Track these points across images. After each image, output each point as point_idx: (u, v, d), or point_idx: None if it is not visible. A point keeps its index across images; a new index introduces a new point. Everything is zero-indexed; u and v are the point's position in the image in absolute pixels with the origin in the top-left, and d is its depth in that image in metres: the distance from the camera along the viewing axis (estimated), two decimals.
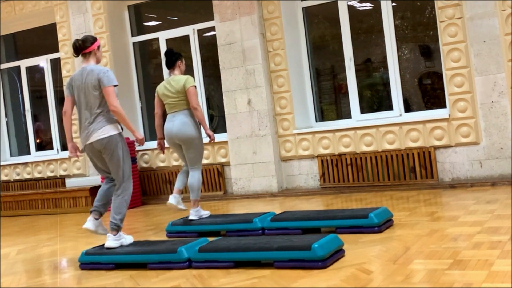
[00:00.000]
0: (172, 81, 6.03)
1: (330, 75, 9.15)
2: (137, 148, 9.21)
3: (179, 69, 6.12)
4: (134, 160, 9.24)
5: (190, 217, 6.08)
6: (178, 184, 6.18)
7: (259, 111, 8.39)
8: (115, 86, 5.02)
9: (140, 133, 5.13)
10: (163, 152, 6.53)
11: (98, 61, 5.18)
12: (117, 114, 5.01)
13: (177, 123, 5.96)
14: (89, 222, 5.22)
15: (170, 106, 6.04)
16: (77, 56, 5.16)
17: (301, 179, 8.43)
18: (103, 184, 5.34)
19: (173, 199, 6.14)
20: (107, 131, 5.02)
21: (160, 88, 6.12)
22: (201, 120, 6.02)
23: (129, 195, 5.15)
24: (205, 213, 6.17)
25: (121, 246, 5.08)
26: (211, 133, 6.16)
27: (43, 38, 10.98)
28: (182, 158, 6.22)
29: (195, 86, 5.99)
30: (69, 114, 5.17)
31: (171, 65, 6.10)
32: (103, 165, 5.23)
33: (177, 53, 6.15)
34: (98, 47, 5.17)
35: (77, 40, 5.14)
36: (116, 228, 5.09)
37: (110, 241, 5.06)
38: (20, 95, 11.11)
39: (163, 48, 9.54)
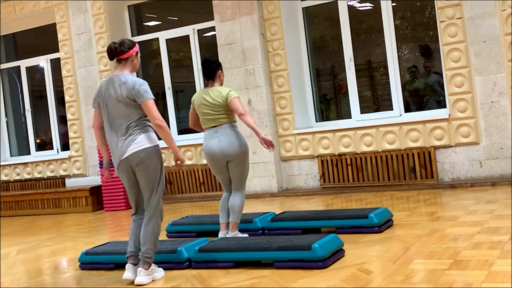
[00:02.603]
0: (211, 92, 5.28)
1: (330, 75, 9.16)
2: None
3: (220, 80, 5.39)
4: None
5: None
6: (223, 218, 5.43)
7: (259, 111, 8.39)
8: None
9: (182, 156, 4.43)
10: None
11: (134, 70, 4.57)
12: (162, 129, 4.31)
13: (224, 137, 5.20)
14: (139, 275, 4.37)
15: (209, 119, 5.29)
16: (112, 59, 4.52)
17: (301, 179, 8.43)
18: (132, 221, 4.52)
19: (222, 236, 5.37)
20: (144, 142, 4.31)
21: (197, 98, 5.37)
22: (253, 127, 5.15)
23: (161, 221, 4.43)
24: (245, 236, 5.37)
25: (153, 281, 4.40)
26: (267, 138, 5.21)
27: (43, 38, 10.98)
28: (226, 181, 5.40)
29: (238, 97, 5.27)
30: (98, 126, 4.47)
31: (211, 76, 5.35)
32: (134, 188, 4.46)
33: (216, 61, 5.47)
34: (137, 54, 4.55)
35: (113, 42, 4.49)
36: (148, 262, 4.37)
37: (142, 277, 4.34)
38: (20, 95, 11.11)
39: (163, 48, 9.55)
